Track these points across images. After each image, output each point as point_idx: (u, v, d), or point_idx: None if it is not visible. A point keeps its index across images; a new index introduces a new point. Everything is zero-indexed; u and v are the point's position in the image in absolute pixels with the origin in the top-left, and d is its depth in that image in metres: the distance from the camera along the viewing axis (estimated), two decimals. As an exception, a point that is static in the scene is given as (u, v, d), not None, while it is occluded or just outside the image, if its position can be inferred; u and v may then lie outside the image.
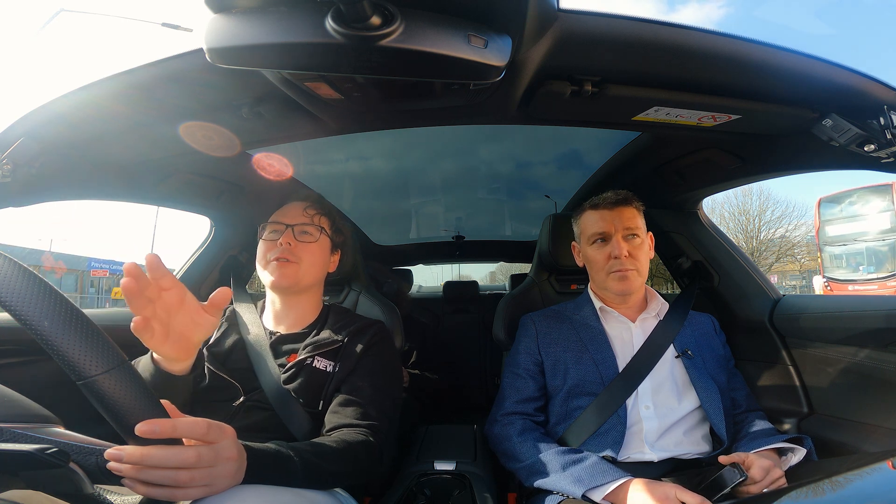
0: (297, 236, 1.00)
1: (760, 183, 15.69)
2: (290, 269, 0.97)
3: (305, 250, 1.00)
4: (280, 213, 1.05)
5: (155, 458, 0.49)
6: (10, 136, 0.80)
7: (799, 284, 20.46)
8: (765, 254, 20.13)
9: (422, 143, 1.73)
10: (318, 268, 1.03)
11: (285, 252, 0.97)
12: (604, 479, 0.82)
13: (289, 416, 0.88)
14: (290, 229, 1.00)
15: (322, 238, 1.04)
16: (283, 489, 0.62)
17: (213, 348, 0.97)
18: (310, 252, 1.00)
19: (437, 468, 1.18)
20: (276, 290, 1.01)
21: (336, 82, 0.70)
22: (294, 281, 0.98)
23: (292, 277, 0.97)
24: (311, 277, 1.01)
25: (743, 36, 0.65)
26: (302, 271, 0.99)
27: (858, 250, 10.56)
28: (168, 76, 0.71)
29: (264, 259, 0.99)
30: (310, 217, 1.03)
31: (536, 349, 1.11)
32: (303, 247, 1.00)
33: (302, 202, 1.06)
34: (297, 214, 1.03)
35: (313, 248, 1.01)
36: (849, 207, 10.76)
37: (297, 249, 0.99)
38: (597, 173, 1.71)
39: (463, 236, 2.95)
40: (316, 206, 1.06)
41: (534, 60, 0.68)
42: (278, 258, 0.97)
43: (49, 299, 0.46)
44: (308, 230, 1.02)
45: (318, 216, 1.05)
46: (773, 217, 20.61)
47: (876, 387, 1.05)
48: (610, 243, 1.06)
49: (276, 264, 0.97)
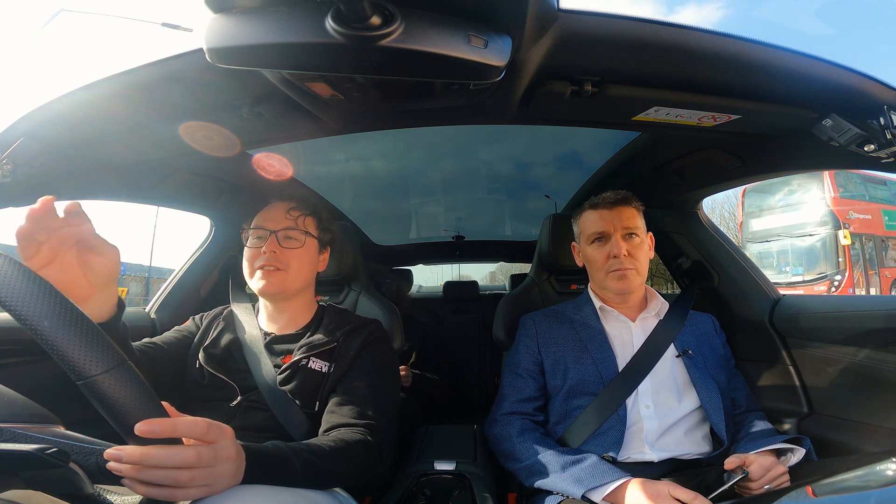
0: (281, 242, 0.97)
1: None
2: (278, 277, 0.95)
3: (291, 256, 0.97)
4: (262, 216, 1.01)
5: (155, 457, 0.49)
6: (10, 136, 0.80)
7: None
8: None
9: (422, 143, 1.73)
10: (306, 272, 1.00)
11: (271, 260, 0.94)
12: (603, 479, 0.82)
13: (286, 417, 0.88)
14: (274, 235, 0.96)
15: (308, 241, 1.00)
16: (283, 489, 0.62)
17: (210, 349, 0.97)
18: (296, 258, 0.98)
19: (437, 468, 1.18)
20: (265, 297, 1.00)
21: (336, 82, 0.70)
22: (282, 288, 0.96)
23: (279, 285, 0.95)
24: (299, 282, 0.99)
25: (743, 36, 0.65)
26: (290, 278, 0.96)
27: (784, 248, 8.94)
28: (168, 76, 0.71)
29: (251, 266, 0.97)
30: (293, 220, 1.00)
31: (536, 349, 1.11)
32: (288, 253, 0.97)
33: (285, 203, 1.02)
34: (280, 218, 0.99)
35: (299, 253, 0.98)
36: (775, 197, 9.20)
37: (283, 256, 0.96)
38: (597, 173, 1.71)
39: (463, 236, 2.95)
40: (300, 207, 1.02)
41: (534, 60, 0.68)
42: (263, 266, 0.95)
43: (49, 299, 0.46)
44: (292, 235, 0.98)
45: (302, 217, 1.01)
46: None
47: (876, 387, 1.05)
48: (609, 242, 1.07)
49: (262, 272, 0.95)
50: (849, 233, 8.08)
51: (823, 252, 8.38)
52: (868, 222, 8.59)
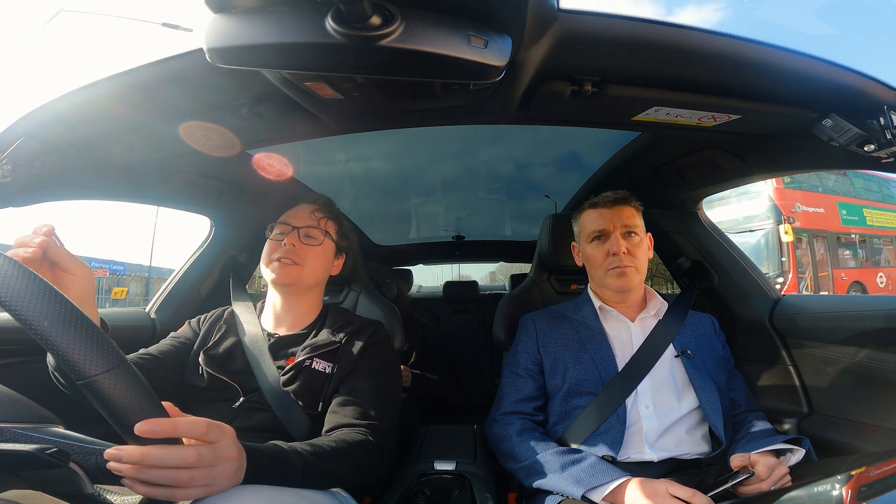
0: (302, 238, 1.02)
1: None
2: (294, 270, 0.99)
3: (309, 253, 1.01)
4: (289, 214, 1.06)
5: (154, 457, 0.48)
6: (10, 136, 0.80)
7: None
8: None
9: (422, 143, 1.73)
10: (320, 270, 1.04)
11: (289, 253, 0.99)
12: (603, 479, 0.82)
13: (288, 418, 0.88)
14: (297, 231, 1.02)
15: (326, 242, 1.05)
16: (283, 489, 0.62)
17: (210, 350, 0.97)
18: (313, 255, 1.02)
19: (437, 468, 1.18)
20: (278, 286, 1.02)
21: (336, 82, 0.70)
22: (295, 280, 0.99)
23: (294, 277, 0.99)
24: (312, 279, 1.03)
25: (743, 36, 0.65)
26: (304, 273, 1.00)
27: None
28: (168, 76, 0.71)
29: (269, 257, 1.01)
30: (317, 220, 1.05)
31: (536, 349, 1.11)
32: (306, 249, 1.01)
33: (311, 205, 1.07)
34: (305, 217, 1.05)
35: (317, 251, 1.03)
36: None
37: (301, 251, 1.00)
38: (597, 173, 1.71)
39: (463, 236, 2.95)
40: (324, 210, 1.07)
41: (534, 60, 0.68)
42: (281, 258, 0.98)
43: (49, 299, 0.46)
44: (313, 233, 1.03)
45: (325, 220, 1.06)
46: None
47: (876, 387, 1.05)
48: (608, 240, 1.07)
49: (279, 264, 0.98)
50: (790, 228, 7.04)
51: (766, 250, 7.27)
52: (820, 217, 7.60)
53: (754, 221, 7.53)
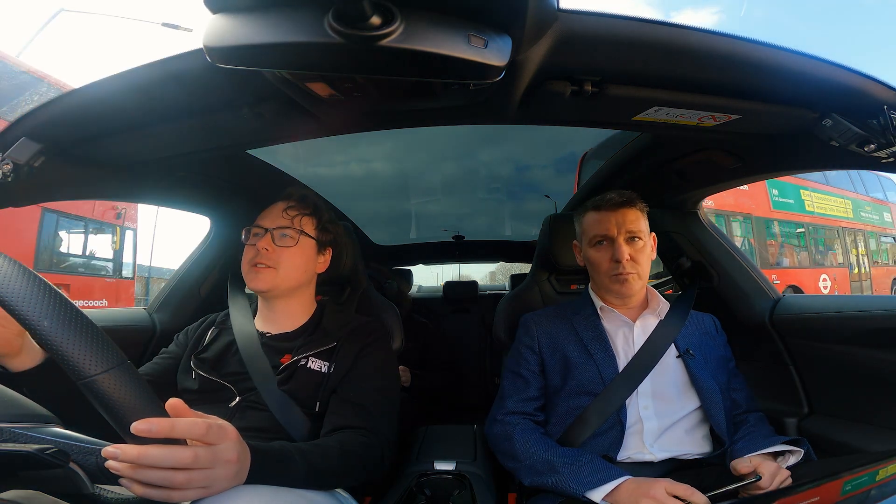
0: (275, 240, 0.97)
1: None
2: (267, 275, 0.95)
3: (283, 255, 0.97)
4: (262, 215, 1.02)
5: (151, 457, 0.48)
6: (10, 136, 0.80)
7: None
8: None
9: (422, 143, 1.73)
10: (298, 271, 1.00)
11: (262, 257, 0.95)
12: (603, 478, 0.82)
13: (286, 418, 0.88)
14: (269, 233, 0.97)
15: (303, 240, 1.00)
16: (283, 489, 0.62)
17: (202, 354, 0.97)
18: (288, 256, 0.98)
19: (437, 468, 1.18)
20: (257, 293, 1.00)
21: (336, 82, 0.70)
22: (271, 286, 0.96)
23: (268, 282, 0.96)
24: (291, 281, 0.99)
25: (743, 36, 0.65)
26: (280, 276, 0.96)
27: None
28: (168, 76, 0.71)
29: (246, 264, 0.98)
30: (290, 219, 1.00)
31: (536, 349, 1.11)
32: (281, 251, 0.97)
33: (283, 203, 1.02)
34: (277, 217, 1.00)
35: (292, 252, 0.98)
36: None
37: (275, 254, 0.96)
38: (597, 173, 1.71)
39: (463, 236, 2.94)
40: (297, 207, 1.02)
41: (534, 60, 0.68)
42: (255, 264, 0.96)
43: (49, 299, 0.46)
44: (287, 233, 0.99)
45: (299, 217, 1.01)
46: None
47: (876, 387, 1.05)
48: (612, 246, 1.06)
49: (254, 270, 0.96)
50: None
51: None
52: (741, 195, 5.78)
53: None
